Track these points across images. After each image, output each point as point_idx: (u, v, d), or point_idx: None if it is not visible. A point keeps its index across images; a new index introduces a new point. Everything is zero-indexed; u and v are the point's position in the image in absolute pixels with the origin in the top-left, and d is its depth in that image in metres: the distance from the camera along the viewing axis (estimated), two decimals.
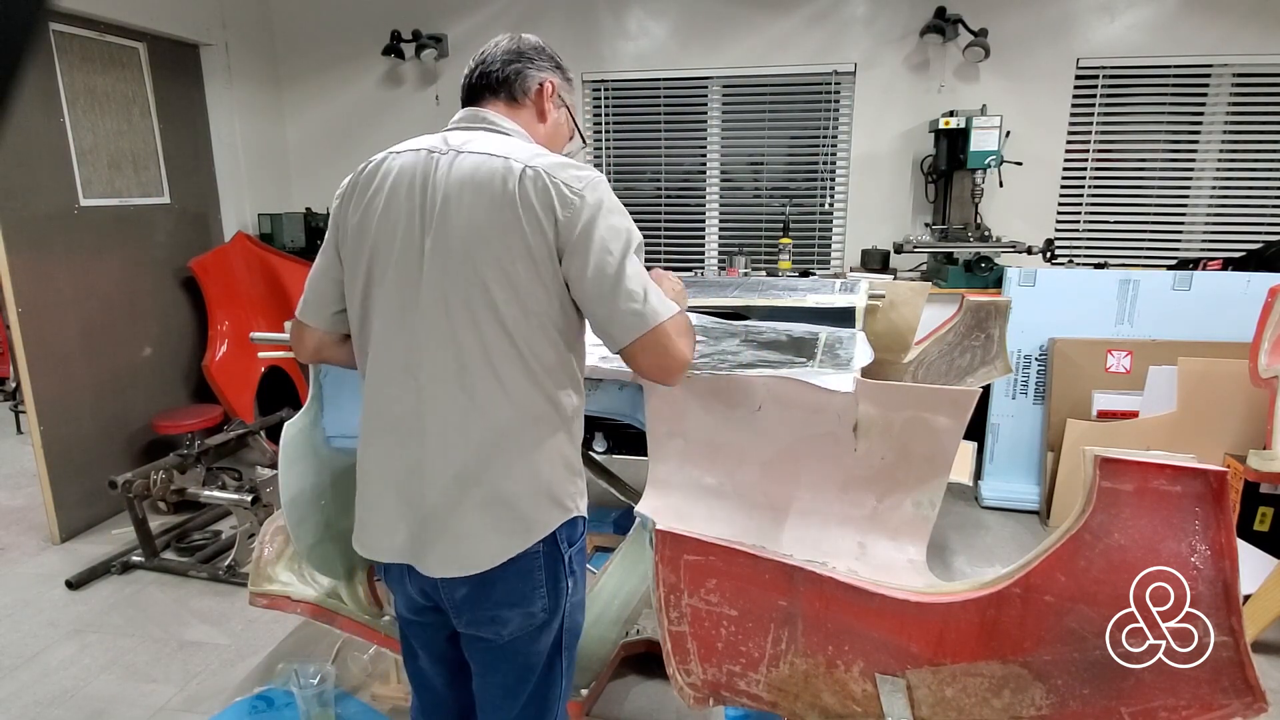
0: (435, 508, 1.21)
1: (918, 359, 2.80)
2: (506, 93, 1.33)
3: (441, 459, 1.21)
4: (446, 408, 1.20)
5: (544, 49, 1.38)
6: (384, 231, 1.22)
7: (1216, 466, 1.10)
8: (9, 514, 3.65)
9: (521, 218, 1.15)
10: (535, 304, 1.18)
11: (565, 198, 1.16)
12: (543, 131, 1.36)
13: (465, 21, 4.52)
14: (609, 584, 1.87)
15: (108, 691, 2.34)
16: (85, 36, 3.47)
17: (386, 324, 1.23)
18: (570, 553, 1.29)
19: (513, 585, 1.24)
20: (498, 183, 1.16)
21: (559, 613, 1.30)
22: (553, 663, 1.34)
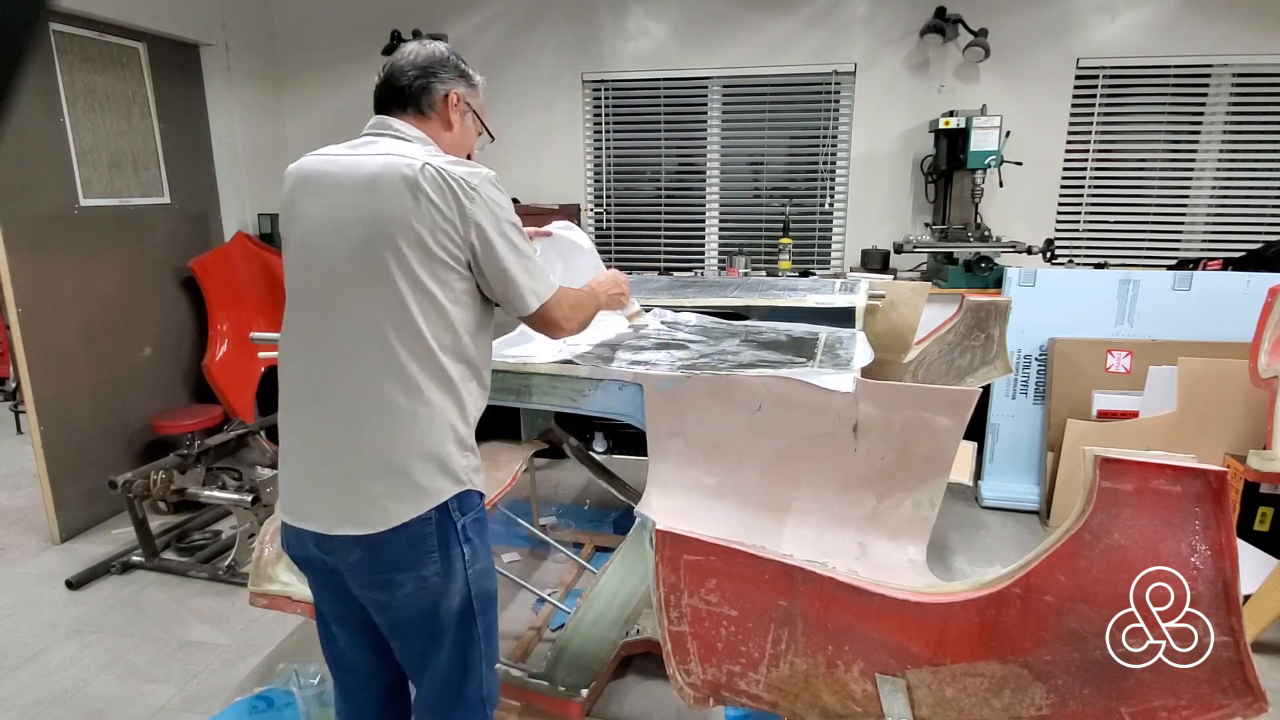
0: (338, 472, 1.33)
1: (918, 359, 2.80)
2: (414, 106, 1.45)
3: (341, 430, 1.33)
4: (345, 383, 1.32)
5: (448, 59, 1.48)
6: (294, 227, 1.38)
7: (1216, 466, 1.10)
8: (9, 514, 3.65)
9: (424, 210, 1.29)
10: (435, 288, 1.31)
11: (467, 191, 1.31)
12: (449, 139, 1.49)
13: (465, 21, 4.52)
14: (609, 584, 1.87)
15: (108, 691, 2.34)
16: (85, 36, 3.47)
17: (299, 306, 1.38)
18: (464, 521, 1.37)
19: (402, 550, 1.32)
20: (398, 179, 1.29)
21: (455, 578, 1.37)
22: (465, 625, 1.41)
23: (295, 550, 1.42)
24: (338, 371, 1.32)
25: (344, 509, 1.32)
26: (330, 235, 1.33)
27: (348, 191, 1.32)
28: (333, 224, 1.32)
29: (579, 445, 3.11)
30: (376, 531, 1.30)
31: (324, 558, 1.38)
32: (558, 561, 3.07)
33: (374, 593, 1.36)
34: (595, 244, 4.94)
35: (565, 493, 3.83)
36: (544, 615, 2.62)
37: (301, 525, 1.37)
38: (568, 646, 1.95)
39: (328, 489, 1.34)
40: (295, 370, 1.38)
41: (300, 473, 1.37)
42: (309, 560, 1.41)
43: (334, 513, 1.33)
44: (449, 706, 1.46)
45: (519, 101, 4.58)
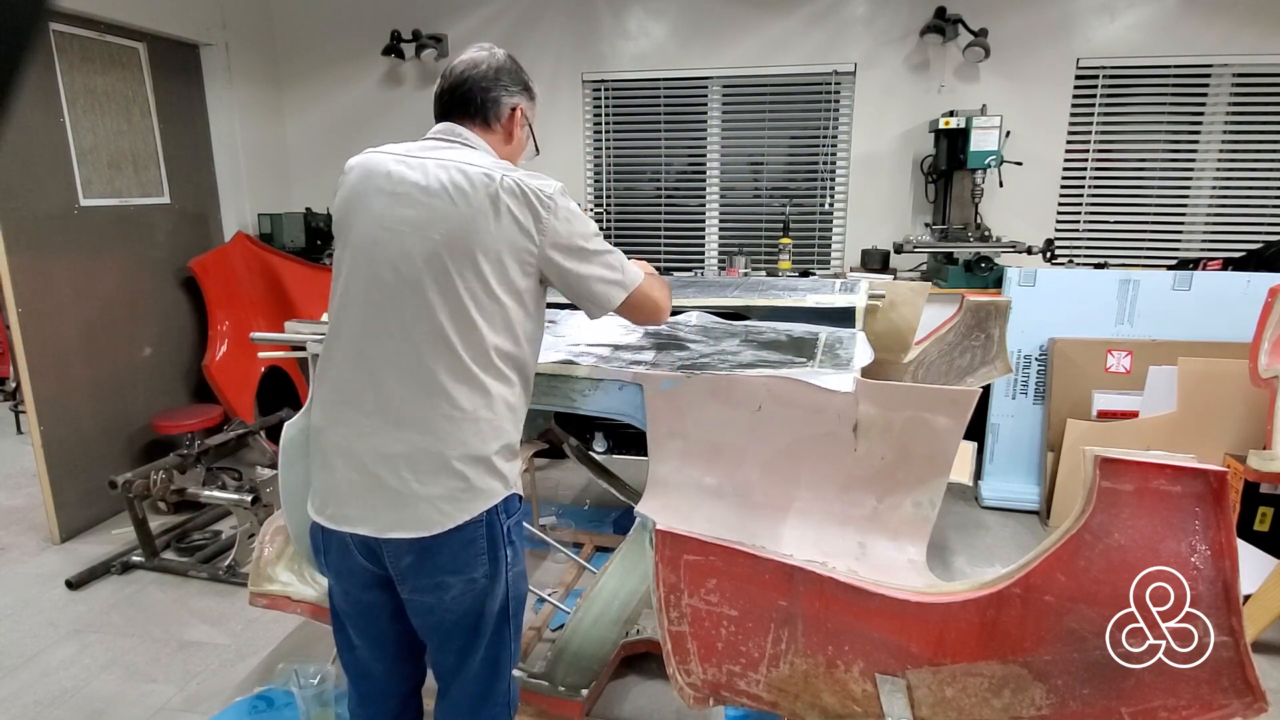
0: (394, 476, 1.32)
1: (918, 359, 2.80)
2: (481, 117, 1.45)
3: (402, 432, 1.32)
4: (409, 386, 1.32)
5: (516, 71, 1.49)
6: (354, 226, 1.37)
7: (1216, 466, 1.10)
8: (9, 514, 3.65)
9: (504, 221, 1.32)
10: (506, 298, 1.34)
11: (544, 203, 1.34)
12: (507, 150, 1.50)
13: (465, 21, 4.52)
14: (609, 584, 1.87)
15: (108, 691, 2.34)
16: (85, 36, 3.47)
17: (353, 308, 1.36)
18: (509, 523, 1.39)
19: (456, 552, 1.34)
20: (479, 188, 1.31)
21: (500, 579, 1.39)
22: (500, 628, 1.43)
23: (334, 557, 1.40)
24: (403, 374, 1.31)
25: (400, 511, 1.31)
26: (403, 236, 1.32)
27: (425, 194, 1.32)
28: (409, 224, 1.32)
29: (579, 445, 3.11)
30: (432, 534, 1.31)
31: (366, 564, 1.37)
32: (558, 561, 3.07)
33: (423, 595, 1.36)
34: None
35: (565, 493, 3.83)
36: (544, 615, 2.62)
37: (349, 529, 1.35)
38: (568, 646, 1.95)
39: (381, 492, 1.32)
40: (351, 369, 1.35)
41: (349, 474, 1.34)
42: (349, 567, 1.40)
43: (388, 515, 1.32)
44: (477, 708, 1.46)
45: None
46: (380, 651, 1.49)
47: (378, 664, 1.51)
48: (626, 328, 2.17)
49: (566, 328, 2.20)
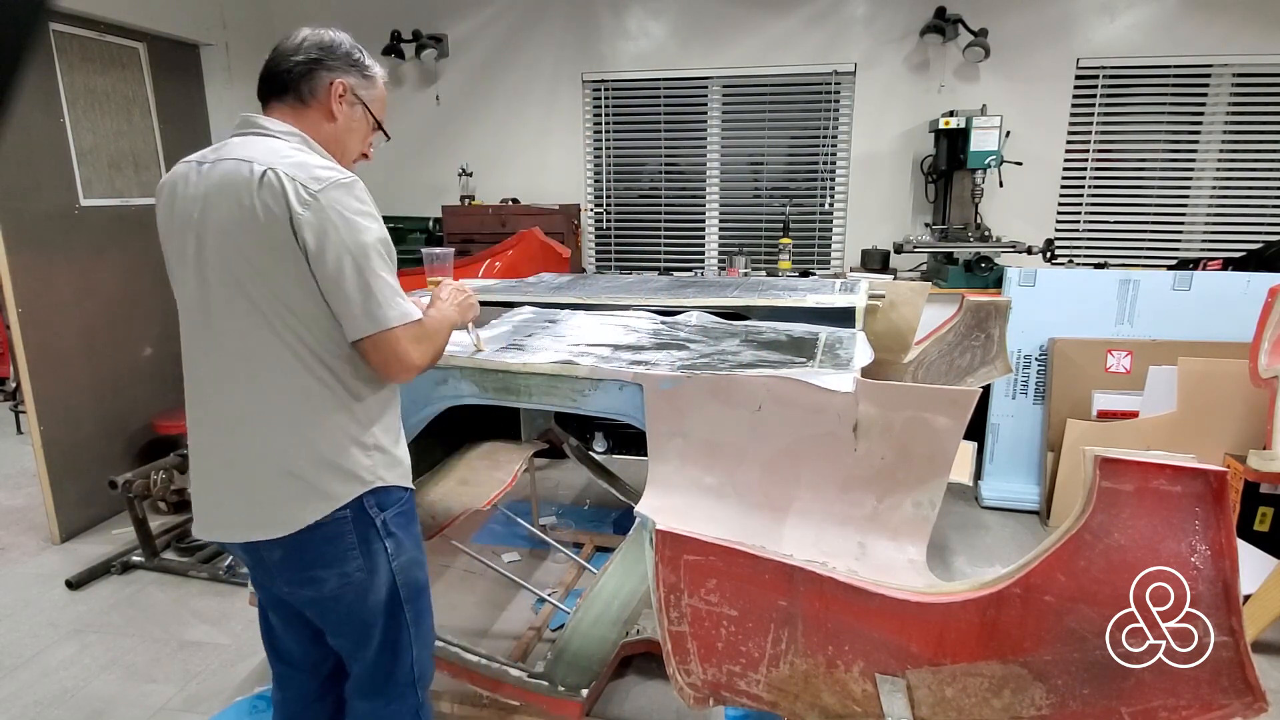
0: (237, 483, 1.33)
1: (918, 359, 2.80)
2: (294, 93, 1.38)
3: (233, 440, 1.32)
4: (230, 395, 1.32)
5: (337, 47, 1.42)
6: (168, 241, 1.38)
7: (1216, 466, 1.10)
8: (9, 514, 3.65)
9: (263, 219, 1.23)
10: (288, 294, 1.26)
11: (303, 198, 1.23)
12: (331, 130, 1.40)
13: (465, 21, 4.52)
14: (609, 584, 1.87)
15: (108, 691, 2.34)
16: (85, 36, 3.47)
17: (184, 320, 1.38)
18: (384, 517, 1.38)
19: (321, 549, 1.34)
20: (241, 185, 1.25)
21: (378, 571, 1.40)
22: (394, 614, 1.45)
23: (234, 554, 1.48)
24: (223, 384, 1.32)
25: (250, 516, 1.33)
26: (191, 248, 1.31)
27: (201, 202, 1.29)
28: (193, 237, 1.30)
29: (579, 445, 3.11)
30: (290, 533, 1.31)
31: (251, 560, 1.42)
32: (558, 561, 3.07)
33: (300, 589, 1.38)
34: (595, 244, 4.96)
35: (565, 493, 3.83)
36: (544, 615, 2.62)
37: (217, 539, 1.38)
38: (568, 646, 1.95)
39: (231, 499, 1.34)
40: (190, 384, 1.38)
41: (203, 486, 1.38)
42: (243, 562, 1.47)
43: (241, 521, 1.34)
44: (379, 689, 1.50)
45: (519, 101, 4.58)
46: (294, 630, 1.53)
47: (293, 642, 1.55)
48: (626, 327, 2.17)
49: (567, 328, 2.20)
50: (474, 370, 1.82)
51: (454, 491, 2.49)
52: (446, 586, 2.92)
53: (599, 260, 4.81)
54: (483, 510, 2.40)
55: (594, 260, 4.81)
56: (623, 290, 2.70)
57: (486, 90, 4.59)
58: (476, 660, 2.05)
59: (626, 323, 2.24)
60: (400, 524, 1.42)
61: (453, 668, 2.04)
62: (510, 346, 1.95)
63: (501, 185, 4.64)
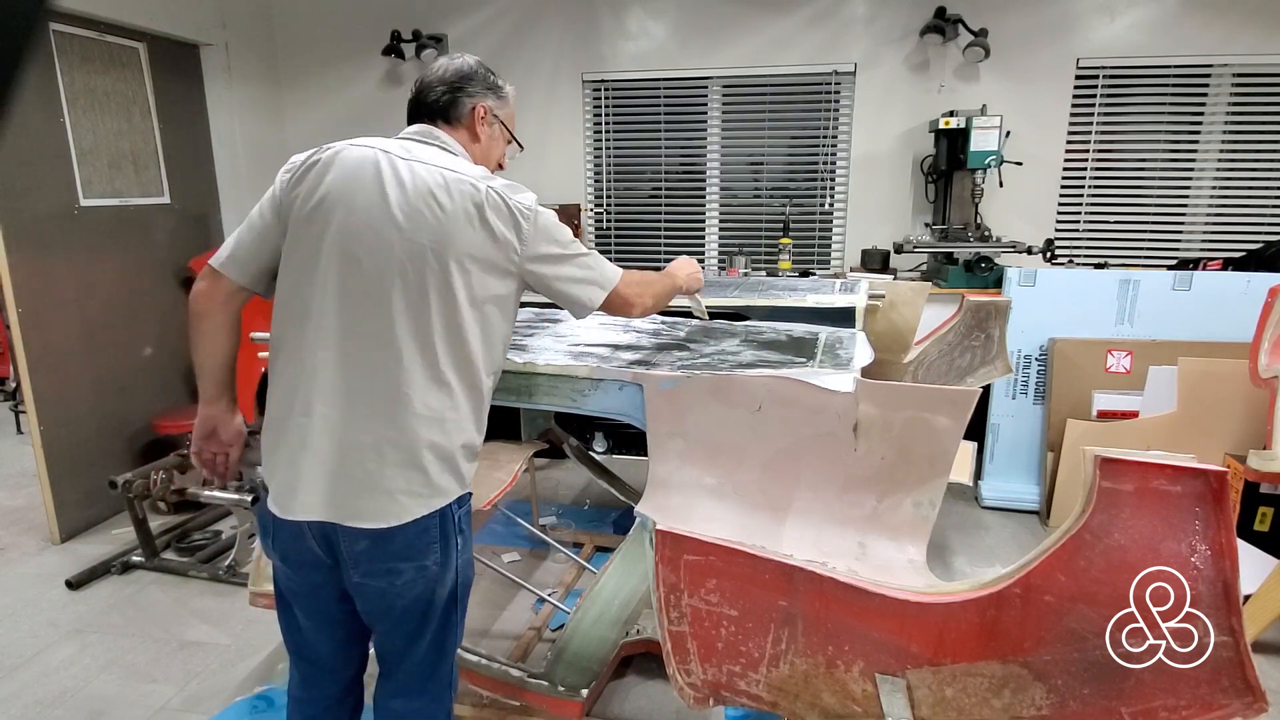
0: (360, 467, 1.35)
1: (918, 359, 2.80)
2: (443, 118, 1.52)
3: (370, 425, 1.34)
4: (383, 381, 1.34)
5: (475, 73, 1.54)
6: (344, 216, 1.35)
7: (1216, 466, 1.10)
8: (9, 514, 3.65)
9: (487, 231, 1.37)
10: (487, 303, 1.40)
11: (525, 214, 1.41)
12: (477, 150, 1.55)
13: (465, 21, 4.52)
14: (609, 584, 1.87)
15: (108, 691, 2.34)
16: (85, 36, 3.47)
17: (329, 297, 1.35)
18: (460, 513, 1.44)
19: (411, 540, 1.37)
20: (464, 197, 1.36)
21: (450, 566, 1.43)
22: (449, 612, 1.48)
23: (284, 542, 1.41)
24: (376, 369, 1.34)
25: (360, 501, 1.34)
26: (386, 235, 1.33)
27: (410, 196, 1.34)
28: (392, 224, 1.33)
29: (579, 445, 3.11)
30: (389, 526, 1.34)
31: (316, 550, 1.39)
32: (558, 561, 3.07)
33: (375, 580, 1.39)
34: (595, 244, 4.95)
35: (565, 493, 3.83)
36: (544, 615, 2.62)
37: (305, 517, 1.35)
38: (568, 646, 1.95)
39: (345, 480, 1.34)
40: (319, 360, 1.35)
41: (311, 464, 1.35)
42: (299, 553, 1.41)
43: (349, 504, 1.34)
44: (421, 688, 1.51)
45: (519, 101, 4.56)
46: (327, 632, 1.51)
47: (324, 644, 1.53)
48: (626, 326, 2.17)
49: (567, 328, 2.20)
50: None
51: None
52: None
53: None
54: (483, 510, 2.40)
55: None
56: None
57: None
58: (476, 660, 2.05)
59: (627, 322, 2.24)
60: (467, 521, 1.47)
61: None
62: (510, 347, 1.95)
63: None
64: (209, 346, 1.49)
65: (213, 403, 1.54)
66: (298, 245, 1.38)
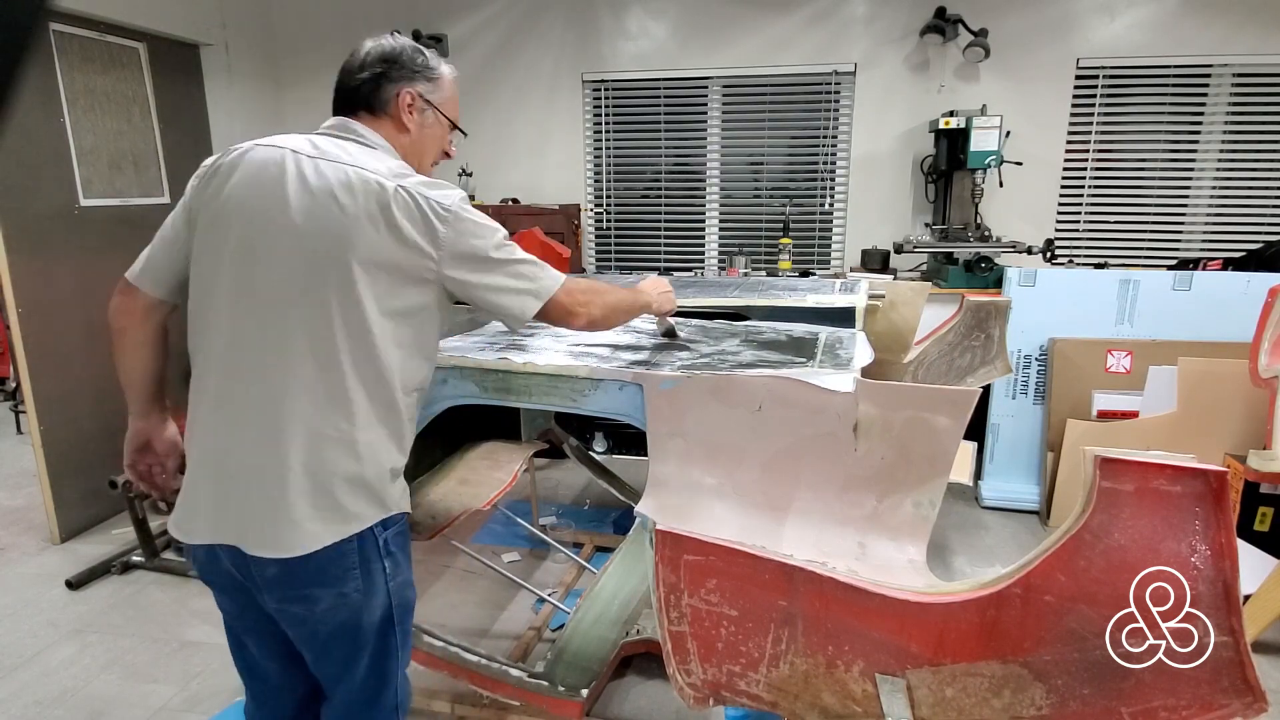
0: (260, 491, 1.24)
1: (918, 359, 2.80)
2: (365, 107, 1.37)
3: (271, 447, 1.23)
4: (279, 398, 1.23)
5: (400, 54, 1.38)
6: (244, 223, 1.25)
7: (1216, 466, 1.10)
8: (9, 514, 3.65)
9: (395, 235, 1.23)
10: (396, 316, 1.26)
11: (440, 214, 1.25)
12: (407, 141, 1.40)
13: (465, 21, 4.52)
14: (609, 584, 1.87)
15: (108, 691, 2.34)
16: (85, 36, 3.47)
17: (231, 310, 1.25)
18: (385, 536, 1.32)
19: (322, 567, 1.26)
20: (370, 198, 1.23)
21: (376, 592, 1.32)
22: (385, 637, 1.37)
23: (204, 567, 1.34)
24: (275, 389, 1.22)
25: (262, 528, 1.23)
26: (285, 244, 1.22)
27: (313, 199, 1.22)
28: (293, 232, 1.22)
29: (579, 445, 3.11)
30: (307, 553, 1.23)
31: (234, 573, 1.31)
32: (558, 561, 3.07)
33: (291, 606, 1.29)
34: (595, 244, 4.95)
35: (565, 493, 3.83)
36: (544, 615, 2.62)
37: (214, 542, 1.28)
38: (568, 646, 1.95)
39: (248, 507, 1.24)
40: (220, 380, 1.27)
41: (207, 487, 1.27)
42: (218, 576, 1.34)
43: (249, 531, 1.24)
44: (363, 716, 1.42)
45: (519, 101, 4.58)
46: (270, 651, 1.43)
47: (270, 663, 1.45)
48: (625, 327, 2.17)
49: None
50: (474, 370, 1.82)
51: (454, 491, 2.49)
52: (446, 586, 2.92)
53: (599, 260, 4.81)
54: (483, 510, 2.40)
55: (594, 260, 4.81)
56: None
57: (486, 90, 4.59)
58: (476, 660, 2.05)
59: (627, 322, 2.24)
60: (399, 543, 1.36)
61: (453, 668, 2.05)
62: (510, 346, 1.95)
63: (501, 185, 4.64)
64: (131, 361, 1.40)
65: (142, 417, 1.46)
66: (201, 255, 1.29)
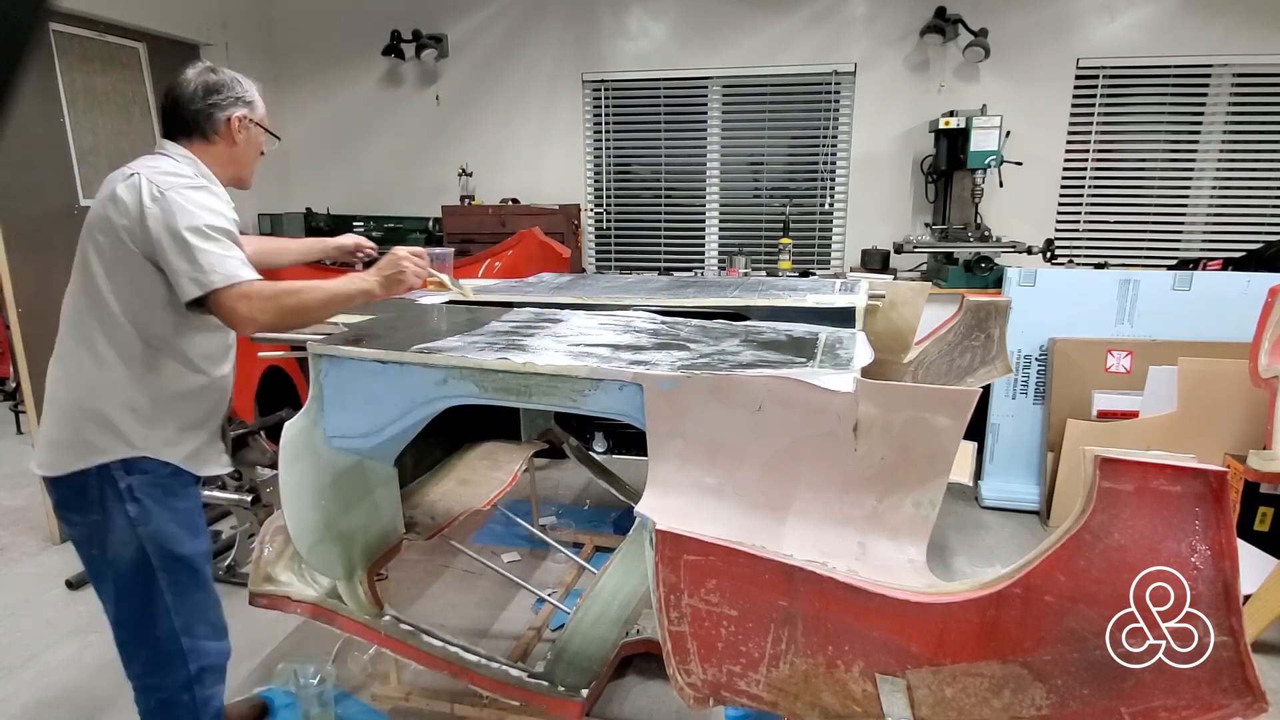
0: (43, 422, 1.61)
1: (918, 359, 2.80)
2: (199, 134, 1.65)
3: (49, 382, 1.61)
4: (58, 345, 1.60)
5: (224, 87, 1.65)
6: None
7: (1216, 466, 1.10)
8: (9, 514, 3.65)
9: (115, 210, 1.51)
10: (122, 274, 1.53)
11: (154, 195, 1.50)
12: (234, 154, 1.70)
13: (465, 21, 4.52)
14: (609, 584, 1.87)
15: (108, 692, 2.34)
16: (85, 36, 3.47)
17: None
18: (130, 481, 1.57)
19: (66, 494, 1.60)
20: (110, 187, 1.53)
21: (117, 530, 1.57)
22: (143, 578, 1.61)
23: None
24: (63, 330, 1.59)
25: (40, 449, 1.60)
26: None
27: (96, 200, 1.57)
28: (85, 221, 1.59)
29: (579, 445, 3.11)
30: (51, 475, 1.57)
31: None
32: (558, 561, 3.07)
33: (67, 526, 1.65)
34: (595, 244, 4.96)
35: (565, 493, 3.83)
36: (544, 615, 2.62)
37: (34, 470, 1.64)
38: (568, 646, 1.95)
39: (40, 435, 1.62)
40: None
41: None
42: None
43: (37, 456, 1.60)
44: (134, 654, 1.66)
45: (519, 101, 4.58)
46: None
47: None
48: (624, 327, 2.17)
49: (567, 328, 2.20)
50: (474, 370, 1.82)
51: (454, 491, 2.49)
52: (446, 586, 2.92)
53: (599, 260, 4.81)
54: (483, 510, 2.40)
55: (594, 260, 4.81)
56: (623, 290, 2.70)
57: (486, 90, 4.59)
58: (476, 660, 2.05)
59: (627, 322, 2.24)
60: (151, 493, 1.59)
61: (453, 668, 2.04)
62: (510, 346, 1.95)
63: (501, 185, 4.64)
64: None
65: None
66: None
